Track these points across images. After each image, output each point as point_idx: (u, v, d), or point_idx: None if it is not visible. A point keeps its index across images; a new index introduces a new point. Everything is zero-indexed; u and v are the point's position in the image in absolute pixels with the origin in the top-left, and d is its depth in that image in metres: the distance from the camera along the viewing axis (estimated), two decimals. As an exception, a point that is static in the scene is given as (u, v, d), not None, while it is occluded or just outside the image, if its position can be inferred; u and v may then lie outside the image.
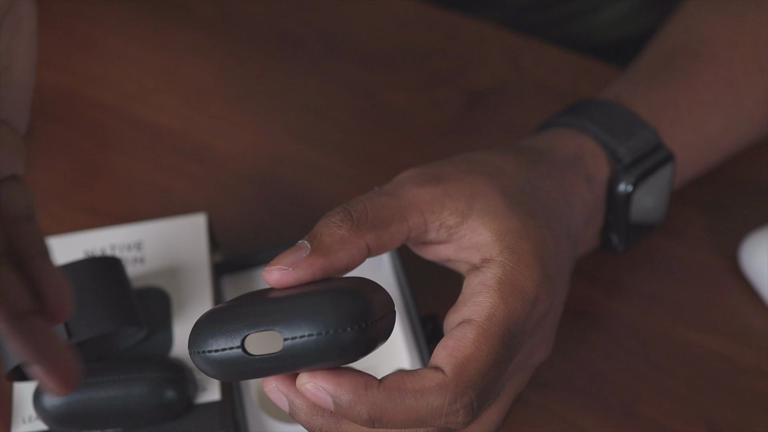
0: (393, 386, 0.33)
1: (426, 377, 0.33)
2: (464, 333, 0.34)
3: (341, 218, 0.35)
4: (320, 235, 0.35)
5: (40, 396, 0.39)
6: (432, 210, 0.37)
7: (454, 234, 0.37)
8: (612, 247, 0.46)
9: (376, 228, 0.36)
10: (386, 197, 0.37)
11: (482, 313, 0.35)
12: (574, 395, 0.46)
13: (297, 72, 0.61)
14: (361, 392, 0.33)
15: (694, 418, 0.45)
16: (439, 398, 0.33)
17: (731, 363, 0.47)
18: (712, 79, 0.48)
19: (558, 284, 0.38)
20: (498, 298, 0.35)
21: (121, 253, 0.45)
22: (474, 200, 0.37)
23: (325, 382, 0.33)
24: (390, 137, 0.57)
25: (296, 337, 0.32)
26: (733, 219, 0.52)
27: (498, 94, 0.59)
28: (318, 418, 0.34)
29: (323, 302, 0.32)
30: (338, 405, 0.33)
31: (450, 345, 0.34)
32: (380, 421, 0.33)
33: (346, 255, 0.35)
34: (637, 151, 0.44)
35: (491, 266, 0.36)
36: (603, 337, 0.48)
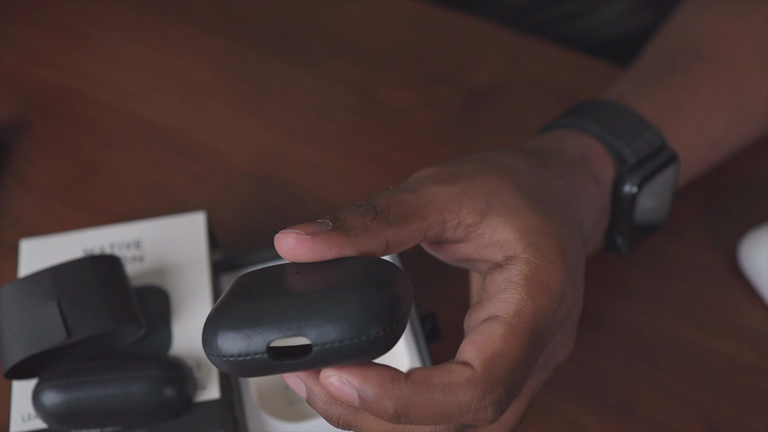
0: (421, 380, 0.32)
1: (455, 372, 0.33)
2: (492, 329, 0.34)
3: (365, 209, 0.35)
4: (344, 218, 0.34)
5: (40, 394, 0.39)
6: (450, 208, 0.36)
7: (472, 232, 0.37)
8: (616, 248, 0.46)
9: (398, 224, 0.35)
10: (407, 194, 0.36)
11: (510, 309, 0.34)
12: (574, 393, 0.46)
13: (296, 70, 0.61)
14: (387, 386, 0.32)
15: (693, 416, 0.45)
16: (468, 393, 0.32)
17: (730, 361, 0.47)
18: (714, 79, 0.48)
19: (579, 283, 0.38)
20: (525, 294, 0.34)
21: (120, 252, 0.45)
22: (492, 198, 0.37)
23: (350, 376, 0.32)
24: (389, 136, 0.57)
25: (326, 344, 0.31)
26: (731, 218, 0.52)
27: (497, 92, 0.59)
28: (336, 407, 0.34)
29: (352, 302, 0.31)
30: (364, 399, 0.32)
31: (478, 340, 0.34)
32: (407, 415, 0.32)
33: (366, 243, 0.34)
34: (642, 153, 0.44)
35: (516, 263, 0.36)
36: (602, 336, 0.48)
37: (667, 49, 0.50)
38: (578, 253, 0.38)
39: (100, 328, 0.39)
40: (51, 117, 0.59)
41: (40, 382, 0.39)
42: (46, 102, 0.60)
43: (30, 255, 0.45)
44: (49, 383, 0.39)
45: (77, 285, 0.40)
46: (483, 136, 0.57)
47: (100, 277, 0.40)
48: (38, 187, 0.56)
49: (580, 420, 0.45)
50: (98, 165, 0.57)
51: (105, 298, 0.40)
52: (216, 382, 0.41)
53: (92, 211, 0.55)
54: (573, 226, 0.39)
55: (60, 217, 0.55)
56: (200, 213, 0.46)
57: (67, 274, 0.40)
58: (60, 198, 0.55)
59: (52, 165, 0.57)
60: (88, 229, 0.52)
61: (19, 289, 0.40)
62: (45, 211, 0.55)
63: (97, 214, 0.55)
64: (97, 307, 0.39)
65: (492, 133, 0.57)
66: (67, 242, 0.46)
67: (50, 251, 0.45)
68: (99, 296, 0.40)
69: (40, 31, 0.64)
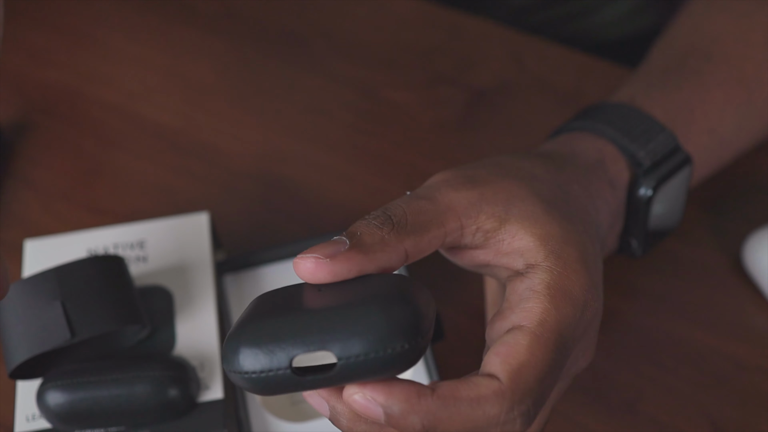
0: (447, 394, 0.32)
1: (481, 385, 0.32)
2: (517, 339, 0.33)
3: (382, 221, 0.34)
4: (360, 233, 0.34)
5: (44, 394, 0.39)
6: (469, 214, 0.36)
7: (491, 238, 0.36)
8: (630, 251, 0.46)
9: (416, 233, 0.35)
10: (424, 201, 0.36)
11: (534, 319, 0.34)
12: (577, 393, 0.46)
13: (300, 70, 0.61)
14: (414, 401, 0.31)
15: (698, 417, 0.45)
16: (496, 406, 0.32)
17: (734, 361, 0.47)
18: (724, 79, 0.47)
19: (600, 290, 0.37)
20: (549, 303, 0.34)
21: (123, 252, 0.45)
22: (511, 205, 0.37)
23: (375, 393, 0.31)
24: (393, 136, 0.57)
25: (351, 357, 0.30)
26: (736, 218, 0.52)
27: (501, 92, 0.59)
28: (361, 425, 0.33)
29: (376, 316, 0.30)
30: (390, 416, 0.31)
31: (503, 352, 0.33)
32: (434, 430, 0.32)
33: (386, 257, 0.34)
34: (656, 155, 0.43)
35: (538, 272, 0.35)
36: (606, 336, 0.48)
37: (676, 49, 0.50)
38: (597, 259, 0.38)
39: (104, 328, 0.39)
40: (54, 117, 0.59)
41: (45, 382, 0.39)
42: (50, 102, 0.60)
43: (34, 255, 0.45)
44: (53, 383, 0.39)
45: (81, 285, 0.40)
46: (486, 136, 0.57)
47: (104, 278, 0.40)
48: (42, 188, 0.56)
49: (584, 420, 0.45)
50: (102, 165, 0.57)
51: (109, 298, 0.40)
52: (220, 383, 0.41)
53: (96, 212, 0.55)
54: (591, 231, 0.39)
55: (64, 218, 0.55)
56: (204, 213, 0.46)
57: (71, 274, 0.40)
58: (64, 198, 0.55)
59: (55, 165, 0.57)
60: (91, 229, 0.52)
61: (23, 290, 0.40)
62: (49, 212, 0.55)
63: (100, 214, 0.55)
64: (101, 307, 0.39)
65: (495, 133, 0.57)
66: (70, 242, 0.46)
67: (54, 251, 0.45)
68: (103, 296, 0.40)
69: (44, 31, 0.64)
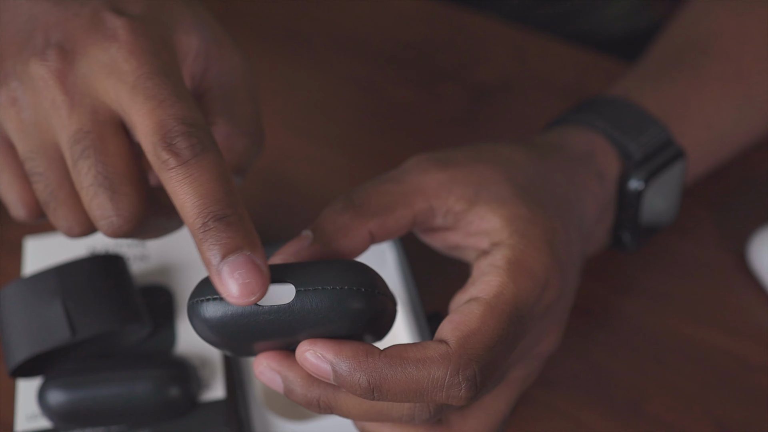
0: (394, 354, 0.33)
1: (429, 348, 0.33)
2: (471, 309, 0.34)
3: (343, 206, 0.36)
4: (323, 223, 0.35)
5: (45, 393, 0.39)
6: (438, 195, 0.37)
7: (461, 220, 0.37)
8: (623, 246, 0.46)
9: (379, 214, 0.36)
10: (390, 184, 0.37)
11: (490, 292, 0.35)
12: (581, 393, 0.46)
13: (301, 68, 0.60)
14: (361, 359, 0.32)
15: (703, 416, 0.45)
16: (441, 369, 0.33)
17: (739, 360, 0.47)
18: (721, 74, 0.47)
19: (569, 274, 0.38)
20: (507, 278, 0.35)
21: (124, 251, 0.45)
22: (481, 187, 0.37)
23: (325, 349, 0.32)
24: (395, 133, 0.57)
25: (308, 290, 0.32)
26: (740, 216, 0.52)
27: (503, 89, 0.59)
28: (315, 389, 0.34)
29: (335, 264, 0.33)
30: (338, 373, 0.32)
31: (456, 319, 0.34)
32: (380, 389, 0.33)
33: (349, 243, 0.35)
34: (648, 148, 0.44)
35: (501, 248, 0.36)
36: (609, 335, 0.48)
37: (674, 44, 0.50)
38: (570, 245, 0.38)
39: (104, 327, 0.39)
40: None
41: (45, 381, 0.39)
42: (51, 99, 0.60)
43: (34, 253, 0.45)
44: (54, 382, 0.39)
45: (82, 284, 0.40)
46: (489, 133, 0.57)
47: (105, 276, 0.40)
48: (42, 185, 0.56)
49: (587, 420, 0.45)
50: (103, 163, 0.57)
51: (110, 297, 0.40)
52: (221, 382, 0.41)
53: (97, 209, 0.55)
54: (568, 218, 0.39)
55: (64, 215, 0.54)
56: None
57: (72, 273, 0.40)
58: (64, 196, 0.55)
59: None
60: (92, 227, 0.52)
61: (23, 288, 0.40)
62: (49, 209, 0.55)
63: (101, 212, 0.54)
64: (102, 306, 0.39)
65: (498, 130, 0.57)
66: (71, 241, 0.46)
67: (55, 250, 0.45)
68: (104, 295, 0.40)
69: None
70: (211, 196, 0.31)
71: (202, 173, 0.31)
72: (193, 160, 0.31)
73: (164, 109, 0.32)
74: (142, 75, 0.33)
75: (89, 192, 0.33)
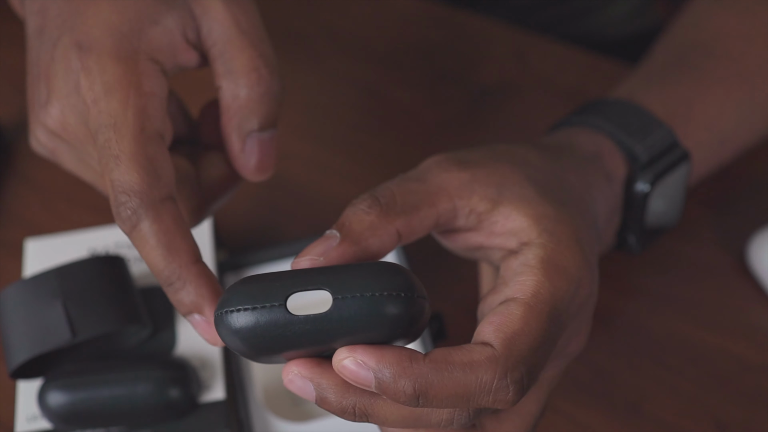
0: (440, 359, 0.31)
1: (475, 351, 0.32)
2: (510, 310, 0.33)
3: (369, 204, 0.34)
4: (349, 222, 0.34)
5: (45, 394, 0.39)
6: (461, 195, 0.36)
7: (484, 220, 0.36)
8: (628, 248, 0.46)
9: (406, 213, 0.35)
10: (414, 182, 0.36)
11: (527, 291, 0.34)
12: (581, 394, 0.46)
13: (303, 69, 0.60)
14: (406, 365, 0.31)
15: (702, 417, 0.45)
16: (489, 372, 0.31)
17: (739, 361, 0.47)
18: (725, 75, 0.47)
19: (595, 273, 0.37)
20: (543, 276, 0.34)
21: (124, 252, 0.45)
22: (503, 187, 0.36)
23: (366, 357, 0.31)
24: (396, 135, 0.57)
25: (346, 296, 0.30)
26: (740, 217, 0.52)
27: (504, 91, 0.59)
28: (350, 397, 0.32)
29: (369, 268, 0.31)
30: (380, 381, 0.31)
31: (497, 321, 0.33)
32: (426, 396, 0.31)
33: (378, 241, 0.34)
34: (654, 150, 0.43)
35: (532, 248, 0.35)
36: (610, 336, 0.48)
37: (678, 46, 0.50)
38: (592, 244, 0.38)
39: (105, 329, 0.39)
40: (56, 116, 0.59)
41: (46, 383, 0.39)
42: (52, 101, 0.60)
43: (35, 255, 0.45)
44: (54, 383, 0.39)
45: (82, 285, 0.40)
46: (490, 135, 0.57)
47: (105, 278, 0.40)
48: (43, 187, 0.56)
49: (588, 420, 0.45)
50: (103, 164, 0.57)
51: (110, 298, 0.40)
52: (221, 383, 0.41)
53: (97, 211, 0.55)
54: (586, 216, 0.39)
55: (65, 217, 0.54)
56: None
57: (72, 274, 0.40)
58: (65, 197, 0.55)
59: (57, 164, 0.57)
60: (93, 228, 0.52)
61: (24, 290, 0.40)
62: (50, 211, 0.55)
63: (102, 213, 0.54)
64: (102, 307, 0.39)
65: (499, 132, 0.57)
66: (72, 242, 0.46)
67: (55, 251, 0.45)
68: (104, 296, 0.40)
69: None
70: (156, 264, 0.34)
71: (144, 244, 0.34)
72: (134, 232, 0.34)
73: (109, 174, 0.34)
74: (96, 130, 0.35)
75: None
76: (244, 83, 0.36)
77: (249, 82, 0.36)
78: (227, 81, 0.37)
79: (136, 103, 0.34)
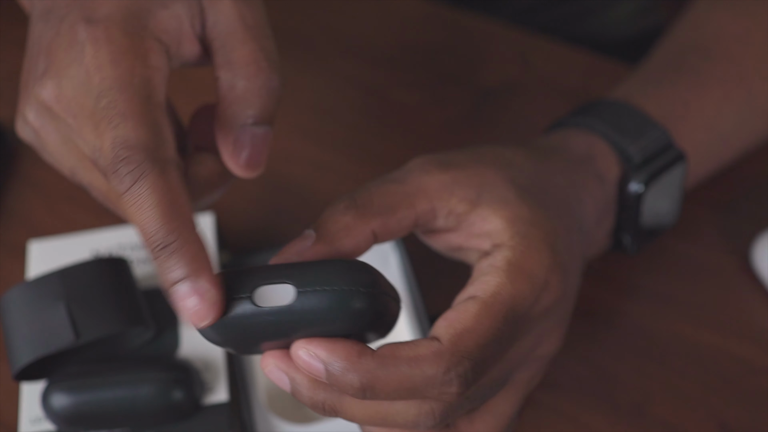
0: (387, 354, 0.33)
1: (421, 345, 0.33)
2: (466, 307, 0.34)
3: (346, 206, 0.36)
4: (325, 223, 0.35)
5: (48, 396, 0.39)
6: (440, 197, 0.37)
7: (463, 221, 0.37)
8: (624, 248, 0.46)
9: (382, 214, 0.36)
10: (393, 184, 0.37)
11: (487, 291, 0.35)
12: (585, 396, 0.46)
13: (305, 70, 0.60)
14: (354, 359, 0.32)
15: (706, 419, 0.45)
16: (433, 366, 0.33)
17: (743, 363, 0.46)
18: (723, 76, 0.47)
19: (570, 276, 0.38)
20: (505, 278, 0.35)
21: (127, 254, 0.45)
22: (483, 189, 0.37)
23: (318, 348, 0.32)
24: (398, 136, 0.57)
25: (308, 291, 0.32)
26: (744, 218, 0.52)
27: (507, 92, 0.59)
28: (320, 393, 0.34)
29: (336, 264, 0.33)
30: (330, 373, 0.32)
31: (451, 317, 0.34)
32: (372, 390, 0.32)
33: (352, 242, 0.35)
34: (647, 151, 0.44)
35: (502, 250, 0.36)
36: (613, 338, 0.48)
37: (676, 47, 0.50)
38: (572, 247, 0.38)
39: (108, 330, 0.39)
40: (59, 118, 0.59)
41: (49, 384, 0.39)
42: (55, 103, 0.60)
43: (38, 256, 0.45)
44: (57, 385, 0.39)
45: (85, 287, 0.40)
46: (492, 136, 0.57)
47: (109, 279, 0.40)
48: (46, 189, 0.56)
49: (591, 422, 0.45)
50: (107, 166, 0.57)
51: (113, 300, 0.40)
52: (224, 385, 0.41)
53: (100, 213, 0.55)
54: (568, 220, 0.39)
55: (68, 219, 0.55)
56: (208, 214, 0.46)
57: (76, 276, 0.40)
58: (68, 199, 0.55)
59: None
60: (96, 230, 0.52)
61: (27, 291, 0.40)
62: (53, 213, 0.55)
63: (105, 215, 0.55)
64: (106, 309, 0.39)
65: (502, 133, 0.57)
66: (75, 244, 0.46)
67: (58, 253, 0.45)
68: (107, 298, 0.40)
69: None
70: (153, 224, 0.32)
71: (143, 201, 0.32)
72: (134, 186, 0.32)
73: (112, 131, 0.33)
74: (99, 93, 0.33)
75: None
76: (243, 74, 0.36)
77: (247, 74, 0.36)
78: (225, 71, 0.37)
79: (142, 73, 0.34)
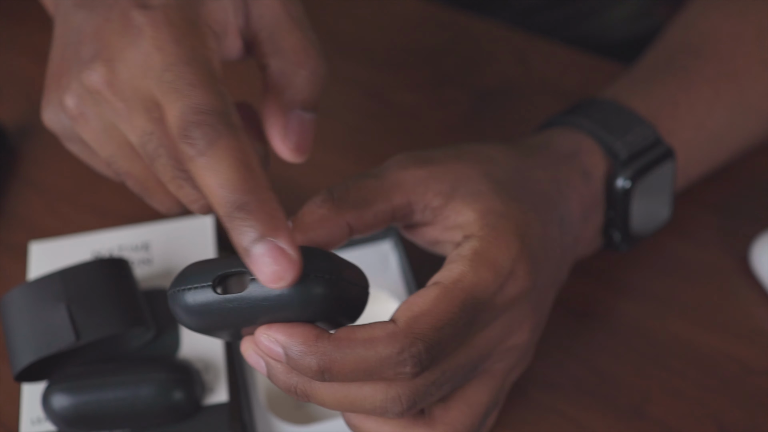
0: (343, 337, 0.33)
1: (377, 327, 0.34)
2: (427, 292, 0.35)
3: (323, 199, 0.37)
4: (302, 215, 0.36)
5: (49, 397, 0.39)
6: (416, 191, 0.38)
7: (438, 215, 0.38)
8: (615, 245, 0.46)
9: (357, 207, 0.37)
10: (370, 179, 0.38)
11: (449, 278, 0.35)
12: (583, 396, 0.46)
13: (305, 72, 0.61)
14: (311, 343, 0.33)
15: (705, 420, 0.45)
16: (387, 347, 0.33)
17: (742, 364, 0.47)
18: (713, 75, 0.47)
19: (545, 267, 0.39)
20: (469, 267, 0.36)
21: (128, 255, 0.45)
22: (458, 183, 0.38)
23: (277, 333, 0.33)
24: (398, 137, 0.57)
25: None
26: (743, 219, 0.52)
27: (506, 93, 0.59)
28: (293, 377, 0.35)
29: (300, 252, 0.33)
30: (289, 357, 0.33)
31: (410, 300, 0.35)
32: (330, 372, 0.33)
33: (326, 232, 0.36)
34: (634, 147, 0.44)
35: (470, 240, 0.37)
36: (612, 338, 0.48)
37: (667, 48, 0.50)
38: (547, 240, 0.39)
39: (108, 331, 0.39)
40: (60, 119, 0.59)
41: (50, 385, 0.39)
42: (55, 104, 0.60)
43: (39, 257, 0.45)
44: (58, 386, 0.39)
45: (86, 288, 0.40)
46: (492, 137, 0.57)
47: (109, 280, 0.40)
48: (47, 190, 0.56)
49: (590, 423, 0.45)
50: (107, 167, 0.57)
51: (114, 300, 0.40)
52: (224, 385, 0.41)
53: (101, 214, 0.55)
54: (546, 213, 0.40)
55: (69, 220, 0.55)
56: (208, 216, 0.46)
57: (76, 277, 0.40)
58: (69, 200, 0.56)
59: (60, 167, 0.57)
60: (96, 231, 0.52)
61: (28, 292, 0.40)
62: (54, 214, 0.55)
63: (105, 216, 0.55)
64: (106, 309, 0.39)
65: (501, 134, 0.57)
66: (76, 245, 0.46)
67: (59, 254, 0.45)
68: (108, 299, 0.40)
69: (50, 33, 0.64)
70: (229, 185, 0.32)
71: (219, 162, 0.32)
72: (209, 149, 0.32)
73: (182, 100, 0.33)
74: (164, 68, 0.34)
75: (173, 185, 0.36)
76: (293, 61, 0.38)
77: (298, 60, 0.38)
78: (275, 59, 0.38)
79: (203, 54, 0.35)
